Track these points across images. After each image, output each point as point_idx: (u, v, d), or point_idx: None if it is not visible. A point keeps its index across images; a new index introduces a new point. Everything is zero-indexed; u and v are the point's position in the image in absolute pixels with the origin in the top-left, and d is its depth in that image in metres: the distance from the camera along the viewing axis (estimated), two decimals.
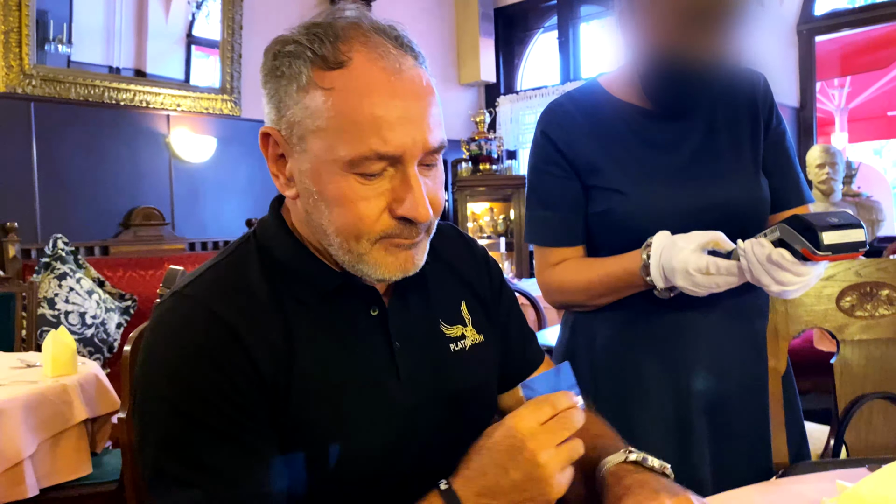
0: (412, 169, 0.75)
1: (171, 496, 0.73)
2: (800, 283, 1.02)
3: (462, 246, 1.01)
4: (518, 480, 0.70)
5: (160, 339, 0.77)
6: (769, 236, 1.03)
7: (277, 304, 0.79)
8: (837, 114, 7.02)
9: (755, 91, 1.29)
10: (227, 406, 0.73)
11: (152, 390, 0.75)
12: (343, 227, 0.76)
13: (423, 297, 0.90)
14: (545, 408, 0.72)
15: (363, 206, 0.75)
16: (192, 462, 0.72)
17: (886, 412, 1.30)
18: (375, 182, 0.75)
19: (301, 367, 0.78)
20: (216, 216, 4.81)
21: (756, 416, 1.27)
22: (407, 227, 0.77)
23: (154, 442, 0.74)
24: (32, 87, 3.89)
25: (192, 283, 0.80)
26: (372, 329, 0.84)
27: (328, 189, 0.75)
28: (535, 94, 6.04)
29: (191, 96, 4.65)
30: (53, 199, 4.03)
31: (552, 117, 1.31)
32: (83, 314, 3.53)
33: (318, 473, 0.78)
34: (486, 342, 0.95)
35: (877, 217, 4.44)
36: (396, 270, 0.79)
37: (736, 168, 1.25)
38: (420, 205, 0.75)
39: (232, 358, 0.74)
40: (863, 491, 0.84)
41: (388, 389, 0.83)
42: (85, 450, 2.08)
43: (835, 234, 0.96)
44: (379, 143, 0.72)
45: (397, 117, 0.73)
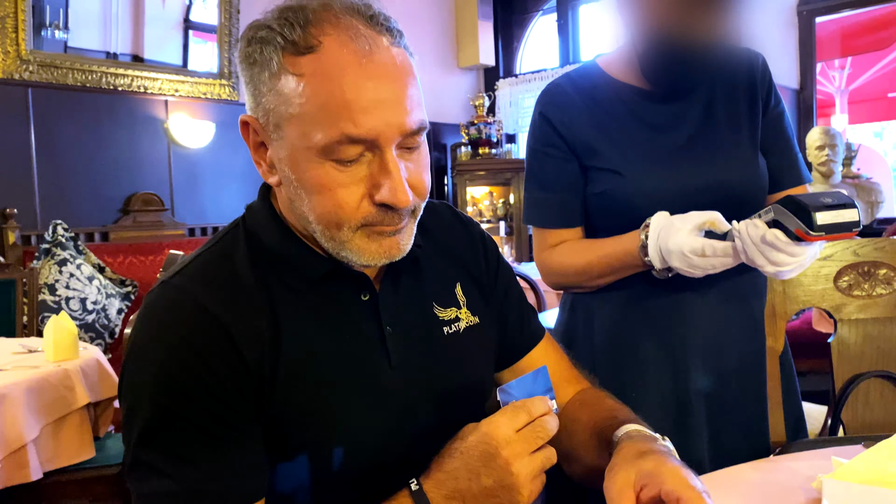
0: (390, 153, 0.73)
1: (146, 485, 0.73)
2: (794, 264, 1.03)
3: (457, 225, 1.00)
4: (490, 487, 0.71)
5: (145, 329, 0.77)
6: (763, 217, 1.03)
7: (265, 291, 0.79)
8: (837, 95, 6.99)
9: (753, 71, 1.29)
10: (209, 399, 0.73)
11: (136, 380, 0.75)
12: (323, 215, 0.75)
13: (415, 281, 0.89)
14: (521, 414, 0.73)
15: (341, 193, 0.73)
16: (169, 454, 0.72)
17: (883, 391, 1.31)
18: (353, 168, 0.73)
19: (289, 355, 0.77)
20: (215, 201, 4.81)
21: (754, 396, 1.27)
22: (388, 214, 0.75)
23: (134, 431, 0.74)
24: (30, 72, 3.88)
25: (179, 273, 0.80)
26: (363, 314, 0.83)
27: (306, 177, 0.74)
28: (535, 78, 6.01)
29: (189, 81, 4.63)
30: (52, 185, 4.03)
31: (550, 98, 1.31)
32: (84, 300, 3.54)
33: (308, 462, 0.79)
34: (481, 324, 0.94)
35: (876, 199, 4.43)
36: (381, 257, 0.78)
37: (734, 148, 1.25)
38: (399, 190, 0.73)
39: (216, 349, 0.74)
40: (858, 466, 0.85)
41: (379, 375, 0.82)
42: (87, 434, 2.10)
43: (828, 214, 0.96)
44: (350, 127, 0.70)
45: (369, 100, 0.70)
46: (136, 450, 0.74)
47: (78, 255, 3.66)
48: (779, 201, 1.01)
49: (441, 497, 0.72)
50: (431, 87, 0.98)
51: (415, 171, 0.77)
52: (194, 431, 0.73)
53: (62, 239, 3.60)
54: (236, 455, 0.74)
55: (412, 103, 0.74)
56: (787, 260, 1.02)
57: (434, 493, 0.72)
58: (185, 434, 0.73)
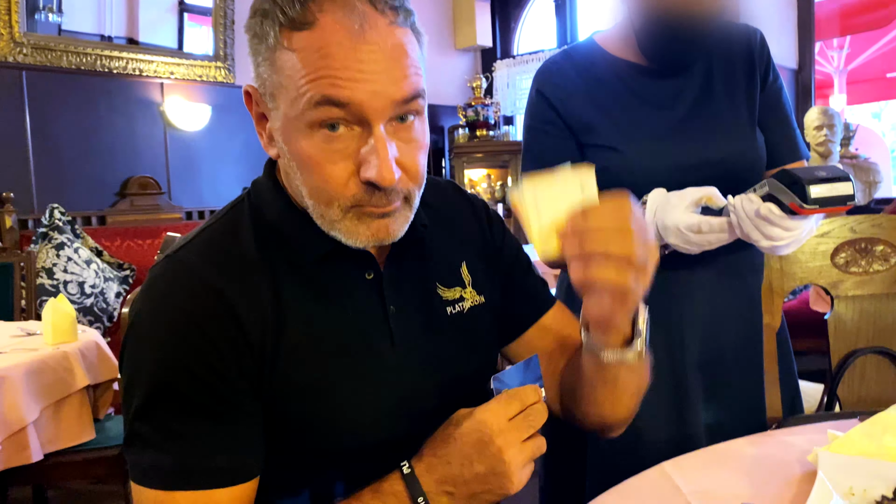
0: (377, 128, 0.71)
1: (141, 456, 0.73)
2: (790, 238, 1.03)
3: (461, 202, 0.99)
4: (481, 473, 0.72)
5: (148, 303, 0.77)
6: (758, 191, 1.03)
7: (269, 267, 0.79)
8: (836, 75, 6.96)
9: (752, 46, 1.28)
10: (208, 375, 0.73)
11: (136, 353, 0.75)
12: (313, 190, 0.75)
13: (420, 260, 0.88)
14: (514, 403, 0.74)
15: (329, 168, 0.72)
16: (164, 428, 0.73)
17: (879, 367, 1.31)
18: (340, 142, 0.72)
19: (291, 332, 0.77)
20: (212, 184, 4.80)
21: (750, 372, 1.28)
22: (376, 194, 0.73)
23: (134, 403, 0.74)
24: (24, 55, 3.85)
25: (184, 247, 0.80)
26: (366, 293, 0.83)
27: (295, 149, 0.74)
28: (532, 59, 5.97)
29: (184, 64, 4.60)
30: (48, 168, 4.02)
31: (547, 76, 1.30)
32: (82, 284, 3.54)
33: (308, 440, 0.79)
34: (486, 303, 0.94)
35: (874, 179, 4.43)
36: (369, 239, 0.76)
37: (732, 124, 1.25)
38: (384, 168, 0.70)
39: (218, 325, 0.74)
40: (854, 439, 0.85)
41: (381, 354, 0.82)
42: (87, 416, 2.10)
43: (822, 187, 0.96)
44: (332, 89, 0.69)
45: (356, 70, 0.69)
46: (132, 422, 0.74)
47: (75, 239, 3.65)
48: (773, 175, 1.01)
49: (432, 481, 0.73)
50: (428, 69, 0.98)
51: (408, 151, 0.75)
52: (191, 406, 0.73)
53: (59, 223, 3.59)
54: (232, 432, 0.74)
55: (406, 72, 0.72)
56: (781, 234, 1.02)
57: (426, 476, 0.73)
58: (181, 409, 0.73)
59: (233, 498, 0.74)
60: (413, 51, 0.73)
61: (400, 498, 0.72)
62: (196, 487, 0.73)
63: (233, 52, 4.79)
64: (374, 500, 0.73)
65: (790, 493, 0.81)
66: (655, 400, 1.24)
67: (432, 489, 0.73)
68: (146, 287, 0.78)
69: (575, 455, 1.31)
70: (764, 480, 0.85)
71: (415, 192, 0.78)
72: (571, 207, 0.73)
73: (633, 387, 0.86)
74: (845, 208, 0.99)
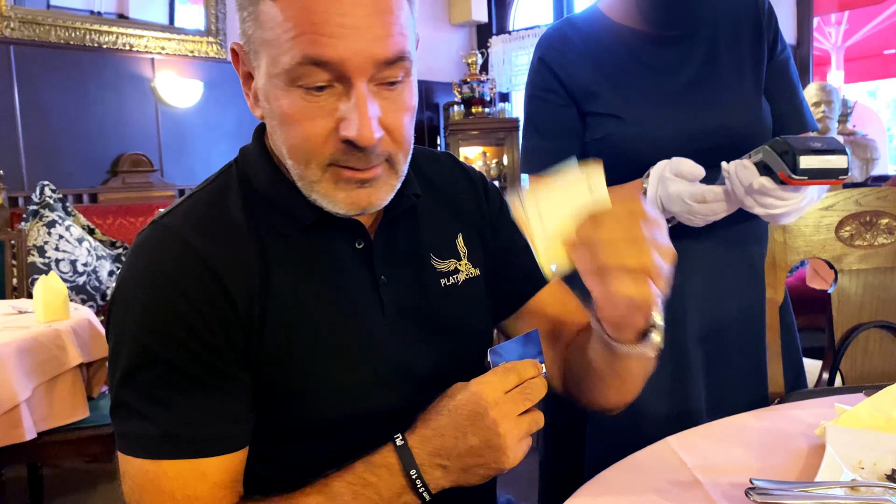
0: (359, 86, 0.68)
1: (127, 425, 0.72)
2: (786, 208, 1.01)
3: (458, 174, 0.96)
4: (475, 446, 0.70)
5: (133, 269, 0.75)
6: (753, 157, 1.02)
7: (256, 235, 0.77)
8: (833, 52, 6.92)
9: (759, 15, 1.26)
10: (193, 341, 0.71)
11: (120, 320, 0.74)
12: (292, 148, 0.73)
13: (413, 231, 0.87)
14: (511, 376, 0.72)
15: (308, 125, 0.70)
16: (147, 395, 0.71)
17: (882, 341, 1.30)
18: (321, 100, 0.69)
19: (279, 301, 0.76)
20: (205, 161, 4.75)
21: (752, 345, 1.27)
22: (355, 155, 0.71)
23: (119, 371, 0.73)
24: (11, 29, 3.78)
25: (169, 213, 0.78)
26: (356, 263, 0.81)
27: (275, 106, 0.71)
28: (528, 34, 5.91)
29: (175, 39, 4.53)
30: (38, 145, 3.97)
31: (550, 43, 1.28)
32: (74, 262, 3.50)
33: (297, 411, 0.77)
34: (481, 276, 0.92)
35: (871, 156, 4.42)
36: (349, 207, 0.74)
37: (736, 92, 1.23)
38: (364, 126, 0.68)
39: (204, 291, 0.72)
40: (862, 413, 0.84)
41: (372, 325, 0.81)
42: (81, 394, 2.08)
43: (814, 158, 0.94)
44: (313, 48, 0.66)
45: (337, 24, 0.66)
46: (117, 389, 0.73)
47: (67, 217, 3.61)
48: (769, 142, 0.99)
49: (425, 453, 0.71)
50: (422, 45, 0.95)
51: (392, 111, 0.72)
52: (176, 374, 0.71)
53: (50, 200, 3.55)
54: (216, 401, 0.73)
55: (389, 31, 0.69)
56: (775, 203, 1.00)
57: (419, 448, 0.72)
58: (166, 376, 0.71)
59: (221, 468, 0.73)
60: (400, 10, 0.70)
61: (392, 470, 0.71)
62: (183, 456, 0.71)
63: (224, 26, 4.72)
64: (366, 472, 0.72)
65: (798, 467, 0.79)
66: (656, 373, 1.22)
67: (425, 462, 0.71)
68: (131, 253, 0.77)
69: (574, 430, 1.30)
70: (771, 455, 0.83)
71: (399, 156, 0.76)
72: (579, 212, 0.69)
73: (641, 373, 0.85)
74: (838, 182, 0.97)
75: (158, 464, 0.71)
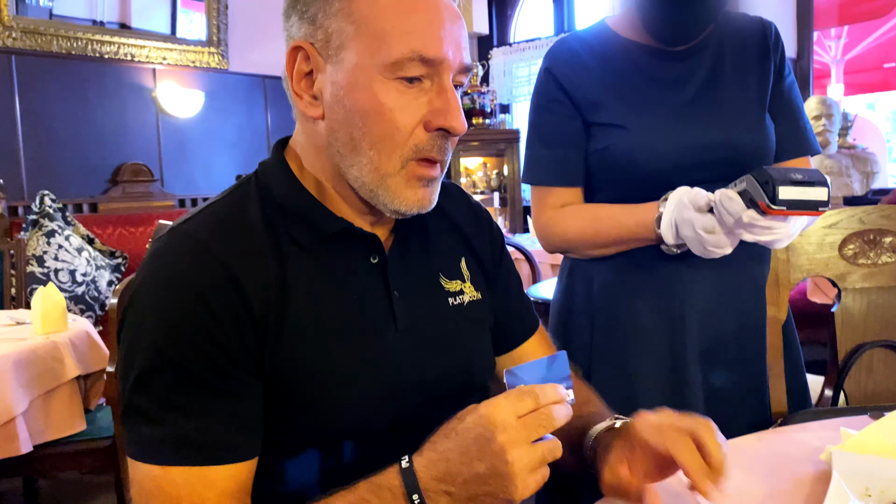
0: (448, 81, 0.76)
1: (138, 431, 0.72)
2: (773, 236, 1.02)
3: (465, 206, 1.00)
4: (482, 473, 0.66)
5: (152, 273, 0.75)
6: (737, 186, 1.03)
7: (275, 245, 0.78)
8: (833, 65, 6.93)
9: (767, 38, 1.27)
10: (210, 347, 0.71)
11: (138, 323, 0.73)
12: (379, 138, 0.76)
13: (424, 249, 0.89)
14: (526, 400, 0.67)
15: (400, 115, 0.75)
16: (162, 401, 0.71)
17: (887, 360, 1.29)
18: (413, 93, 0.75)
19: (295, 311, 0.76)
20: (206, 172, 4.75)
21: (753, 363, 1.26)
22: (438, 143, 0.77)
23: (132, 375, 0.72)
24: (13, 39, 3.79)
25: (189, 220, 0.78)
26: (371, 277, 0.82)
27: (364, 98, 0.75)
28: (529, 47, 5.92)
29: (177, 49, 4.54)
30: (39, 154, 3.97)
31: (557, 55, 1.30)
32: (73, 272, 3.49)
33: (307, 422, 0.77)
34: (483, 300, 0.94)
35: (871, 169, 4.42)
36: (413, 205, 0.78)
37: (740, 108, 1.23)
38: (458, 116, 0.76)
39: (222, 297, 0.72)
40: (868, 438, 0.83)
41: (385, 339, 0.81)
42: (78, 406, 2.07)
43: (792, 189, 0.95)
44: (423, 47, 0.74)
45: (440, 28, 0.75)
46: (130, 394, 0.72)
47: (66, 227, 3.60)
48: (753, 171, 1.00)
49: (431, 478, 0.68)
50: None
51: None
52: (190, 379, 0.71)
53: (50, 210, 3.54)
54: (231, 409, 0.73)
55: (467, 43, 0.79)
56: (762, 233, 1.01)
57: (424, 472, 0.68)
58: (181, 381, 0.71)
59: (229, 477, 0.72)
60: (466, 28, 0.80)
61: (395, 493, 0.69)
62: (192, 463, 0.70)
63: (226, 37, 4.72)
64: (369, 493, 0.70)
65: (804, 493, 0.78)
66: (654, 389, 1.22)
67: (430, 487, 0.68)
68: (149, 258, 0.77)
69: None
70: (776, 479, 0.82)
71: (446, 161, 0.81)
72: None
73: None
74: (817, 214, 0.99)
75: (167, 470, 0.70)
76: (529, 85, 5.75)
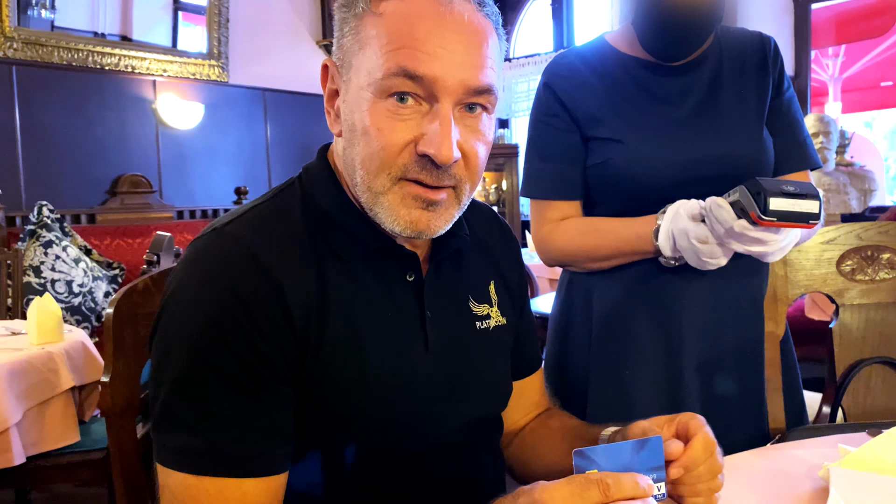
0: (446, 106, 0.71)
1: (172, 437, 0.70)
2: (764, 248, 1.03)
3: (497, 230, 0.99)
4: None
5: (193, 275, 0.73)
6: (731, 196, 1.04)
7: (316, 255, 0.77)
8: (831, 83, 6.97)
9: (766, 53, 1.28)
10: (249, 353, 0.70)
11: (174, 326, 0.72)
12: (367, 157, 0.73)
13: (457, 271, 0.88)
14: (592, 490, 0.55)
15: (388, 135, 0.71)
16: (200, 408, 0.69)
17: (885, 377, 1.29)
18: (406, 115, 0.71)
19: (334, 323, 0.75)
20: (204, 184, 4.75)
21: (751, 378, 1.25)
22: (427, 169, 0.72)
23: (168, 380, 0.70)
24: (14, 50, 3.80)
25: (233, 221, 0.77)
26: (406, 295, 0.81)
27: (360, 117, 0.73)
28: (528, 62, 5.95)
29: (177, 61, 4.56)
30: (38, 165, 3.97)
31: (556, 69, 1.30)
32: (70, 282, 3.48)
33: (335, 436, 0.76)
34: (507, 325, 0.93)
35: (869, 187, 4.43)
36: (408, 226, 0.74)
37: (738, 122, 1.23)
38: (444, 145, 0.70)
39: (264, 302, 0.71)
40: (866, 455, 0.82)
41: (415, 358, 0.81)
42: (72, 417, 2.06)
43: (784, 201, 0.96)
44: (409, 61, 0.69)
45: (436, 45, 0.70)
46: (166, 398, 0.70)
47: (64, 237, 3.60)
48: (746, 182, 1.01)
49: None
50: None
51: (471, 138, 0.74)
52: (229, 385, 0.69)
53: (48, 220, 3.54)
54: (268, 418, 0.71)
55: (482, 63, 0.72)
56: (752, 244, 1.02)
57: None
58: (219, 387, 0.69)
59: (262, 491, 0.71)
60: (493, 47, 0.74)
61: None
62: (226, 474, 0.69)
63: (227, 50, 4.74)
64: None
65: None
66: (650, 403, 1.21)
67: None
68: (189, 259, 0.75)
69: None
70: (774, 497, 0.82)
71: (466, 186, 0.77)
72: None
73: None
74: (808, 227, 0.99)
75: (201, 480, 0.69)
76: (529, 100, 5.76)
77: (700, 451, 0.68)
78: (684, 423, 0.71)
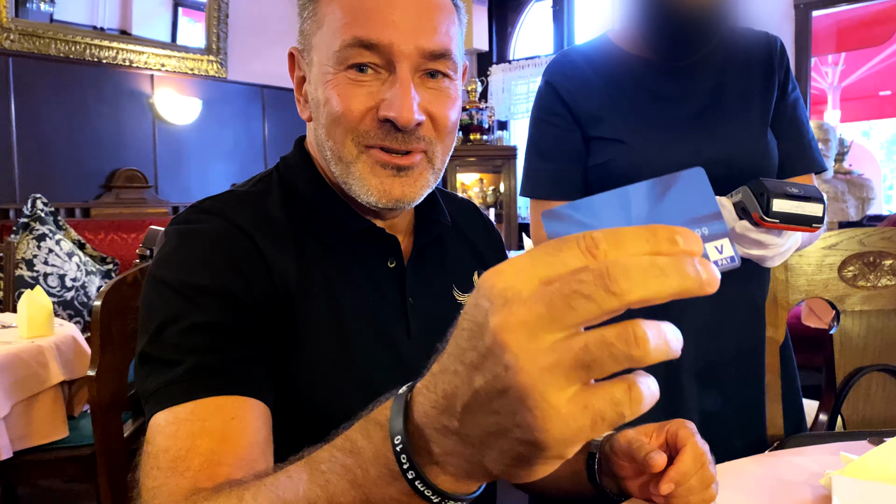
0: (404, 70, 0.72)
1: (153, 381, 0.65)
2: (764, 251, 1.02)
3: (480, 224, 0.99)
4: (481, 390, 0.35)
5: (174, 238, 0.73)
6: (734, 197, 1.03)
7: (297, 239, 0.77)
8: (830, 92, 6.98)
9: (772, 53, 1.26)
10: (235, 303, 0.68)
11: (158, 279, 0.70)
12: (331, 124, 0.74)
13: (439, 259, 0.88)
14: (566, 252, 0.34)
15: (349, 100, 0.72)
16: (181, 344, 0.66)
17: (885, 385, 1.27)
18: (366, 83, 0.72)
19: (314, 304, 0.74)
20: (201, 179, 4.73)
21: (750, 384, 1.24)
22: (391, 134, 0.72)
23: (150, 331, 0.68)
24: (11, 41, 3.77)
25: (210, 199, 0.78)
26: (387, 281, 0.81)
27: (321, 92, 0.74)
28: (528, 64, 5.94)
29: (175, 56, 4.53)
30: (33, 157, 3.94)
31: (558, 67, 1.29)
32: (63, 276, 3.45)
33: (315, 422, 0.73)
34: None
35: (867, 195, 4.43)
36: (381, 194, 0.74)
37: (742, 124, 1.22)
38: (404, 106, 0.70)
39: (252, 264, 0.71)
40: (869, 463, 0.80)
41: (398, 344, 0.80)
42: (61, 412, 2.03)
43: (787, 203, 0.95)
44: (361, 31, 0.70)
45: (389, 13, 0.71)
46: (145, 347, 0.67)
47: (57, 231, 3.57)
48: (750, 182, 0.99)
49: (428, 405, 0.41)
50: None
51: (435, 100, 0.75)
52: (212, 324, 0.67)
53: (41, 213, 3.51)
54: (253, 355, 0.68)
55: (437, 27, 0.73)
56: (753, 246, 1.01)
57: (421, 397, 0.42)
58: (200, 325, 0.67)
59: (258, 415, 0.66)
60: (446, 15, 0.75)
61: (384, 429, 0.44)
62: (223, 392, 0.64)
63: (225, 45, 4.72)
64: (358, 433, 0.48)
65: None
66: (650, 410, 1.19)
67: (424, 422, 0.41)
68: (170, 231, 0.75)
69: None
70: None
71: (438, 149, 0.77)
72: None
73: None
74: (811, 230, 0.98)
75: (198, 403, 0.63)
76: (528, 102, 5.76)
77: (690, 462, 0.67)
78: (673, 432, 0.70)
